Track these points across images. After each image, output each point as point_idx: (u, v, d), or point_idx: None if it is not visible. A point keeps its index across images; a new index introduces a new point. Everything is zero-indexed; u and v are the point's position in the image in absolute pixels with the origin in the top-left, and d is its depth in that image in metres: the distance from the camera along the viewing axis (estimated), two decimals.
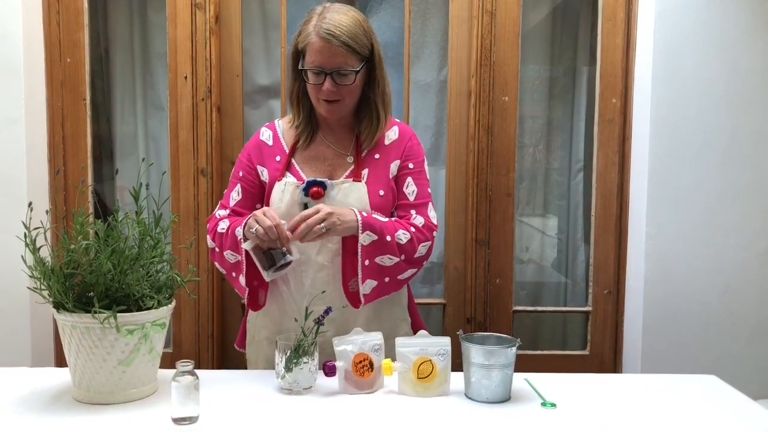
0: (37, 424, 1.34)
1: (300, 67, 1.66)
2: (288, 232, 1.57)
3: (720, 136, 2.27)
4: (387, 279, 1.68)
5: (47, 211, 1.66)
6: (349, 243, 1.66)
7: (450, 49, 2.46)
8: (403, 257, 1.67)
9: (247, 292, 1.69)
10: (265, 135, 1.80)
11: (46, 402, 1.45)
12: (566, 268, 2.73)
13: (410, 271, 1.71)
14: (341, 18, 1.62)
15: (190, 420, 1.34)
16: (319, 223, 1.56)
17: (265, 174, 1.75)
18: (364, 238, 1.62)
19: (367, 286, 1.65)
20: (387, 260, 1.65)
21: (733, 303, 2.32)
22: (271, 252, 1.61)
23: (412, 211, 1.75)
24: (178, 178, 2.41)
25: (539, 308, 2.64)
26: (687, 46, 2.24)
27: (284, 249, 1.60)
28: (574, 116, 2.66)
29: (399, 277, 1.70)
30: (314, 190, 1.68)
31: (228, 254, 1.68)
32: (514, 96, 2.43)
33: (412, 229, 1.69)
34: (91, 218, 2.25)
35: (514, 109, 2.43)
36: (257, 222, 1.56)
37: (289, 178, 1.71)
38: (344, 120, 1.76)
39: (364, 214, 1.64)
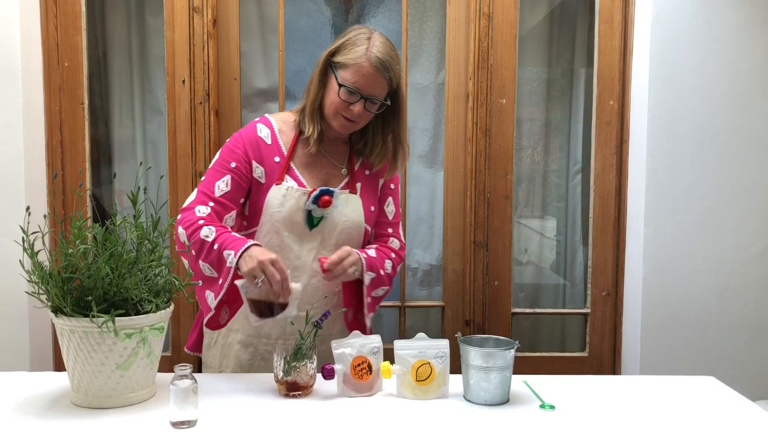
0: (35, 428, 1.34)
1: (339, 81, 1.65)
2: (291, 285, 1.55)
3: (717, 138, 2.28)
4: (377, 306, 1.81)
5: (45, 215, 1.66)
6: (346, 283, 1.75)
7: (447, 52, 2.46)
8: (389, 283, 1.81)
9: (211, 314, 1.66)
10: (264, 132, 1.76)
11: (44, 406, 1.44)
12: (565, 270, 2.73)
13: (389, 293, 1.84)
14: (388, 50, 1.68)
15: (189, 424, 1.34)
16: (352, 266, 1.65)
17: (259, 171, 1.72)
18: (367, 279, 1.72)
19: (369, 320, 1.79)
20: (380, 291, 1.79)
21: (731, 304, 2.32)
22: (270, 304, 1.55)
23: (389, 230, 1.86)
24: (176, 181, 2.41)
25: (538, 310, 2.64)
26: (684, 47, 2.25)
27: (283, 302, 1.55)
28: (572, 118, 2.67)
29: (383, 301, 1.84)
30: (324, 199, 1.70)
31: (205, 267, 1.62)
32: (511, 98, 2.43)
33: (393, 255, 1.82)
34: (89, 222, 2.25)
35: (512, 112, 2.44)
36: (265, 272, 1.51)
37: (290, 183, 1.71)
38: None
39: (364, 255, 1.72)
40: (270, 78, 2.56)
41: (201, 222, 1.62)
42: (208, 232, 1.60)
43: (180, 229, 1.64)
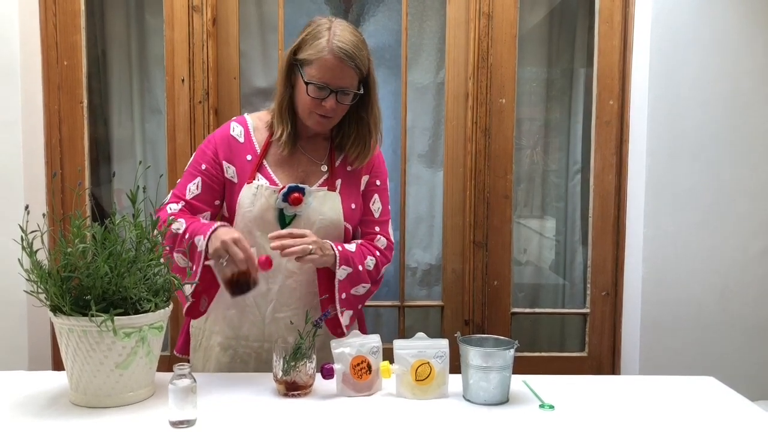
0: (34, 427, 1.33)
1: (305, 79, 1.61)
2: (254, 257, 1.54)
3: (717, 137, 2.28)
4: (360, 306, 1.76)
5: (44, 214, 1.65)
6: (323, 273, 1.69)
7: (447, 52, 2.46)
8: (371, 281, 1.74)
9: (189, 303, 1.66)
10: (236, 131, 1.73)
11: (43, 406, 1.44)
12: (564, 269, 2.73)
13: (374, 292, 1.79)
14: (351, 38, 1.61)
15: (188, 423, 1.33)
16: (309, 245, 1.57)
17: (231, 171, 1.70)
18: (341, 273, 1.66)
19: (345, 317, 1.70)
20: (361, 289, 1.72)
21: (730, 304, 2.32)
22: (239, 280, 1.55)
23: (376, 228, 1.80)
24: (175, 180, 2.39)
25: (537, 310, 2.64)
26: (683, 47, 2.25)
27: (253, 278, 1.56)
28: (572, 118, 2.67)
29: (367, 300, 1.79)
30: (294, 196, 1.65)
31: (179, 258, 1.62)
32: (511, 98, 2.43)
33: (377, 253, 1.76)
34: (88, 221, 2.24)
35: (512, 111, 2.44)
36: (228, 251, 1.52)
37: (262, 181, 1.68)
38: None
39: (339, 248, 1.66)
40: (269, 77, 2.56)
41: (171, 218, 1.61)
42: (178, 225, 1.62)
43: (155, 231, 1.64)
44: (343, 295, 1.68)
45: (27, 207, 1.47)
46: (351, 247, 1.71)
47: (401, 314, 2.54)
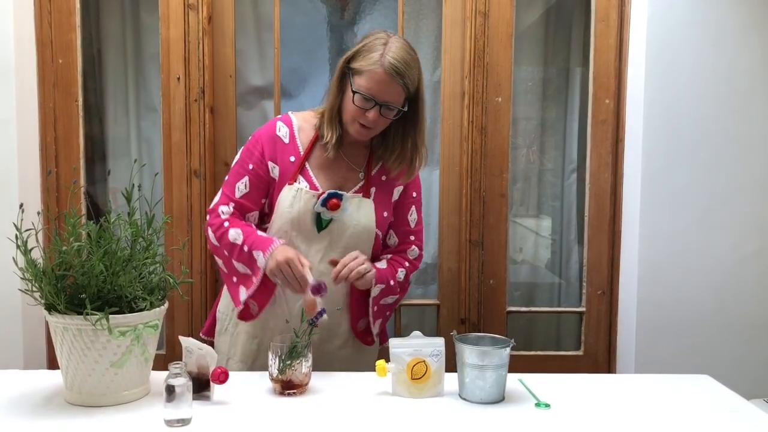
0: (28, 427, 1.33)
1: (354, 88, 1.66)
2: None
3: (713, 137, 2.28)
4: (388, 313, 1.85)
5: (39, 213, 1.65)
6: (355, 289, 1.76)
7: (443, 51, 2.46)
8: (400, 290, 1.82)
9: (241, 308, 1.74)
10: (282, 131, 1.78)
11: (37, 404, 1.44)
12: (560, 268, 2.73)
13: (402, 298, 1.88)
14: (405, 56, 1.66)
15: (183, 422, 1.33)
16: (361, 265, 1.67)
17: (275, 171, 1.75)
18: (375, 291, 1.74)
19: (376, 326, 1.82)
20: (390, 299, 1.81)
21: (726, 303, 2.33)
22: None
23: (412, 237, 1.88)
24: (170, 179, 2.40)
25: (533, 309, 2.64)
26: (680, 46, 2.25)
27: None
28: (568, 117, 2.67)
29: (395, 307, 1.88)
30: (333, 202, 1.70)
31: (239, 265, 1.70)
32: (507, 97, 2.43)
33: (407, 264, 1.85)
34: (83, 220, 2.23)
35: (508, 110, 2.44)
36: (283, 272, 1.59)
37: (302, 184, 1.73)
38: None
39: (374, 268, 1.74)
40: (265, 75, 2.55)
41: (226, 224, 1.70)
42: (235, 235, 1.68)
43: (209, 232, 1.73)
44: (375, 308, 1.78)
45: (22, 205, 1.46)
46: (382, 264, 1.79)
47: (397, 313, 2.54)
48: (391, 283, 1.78)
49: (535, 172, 2.69)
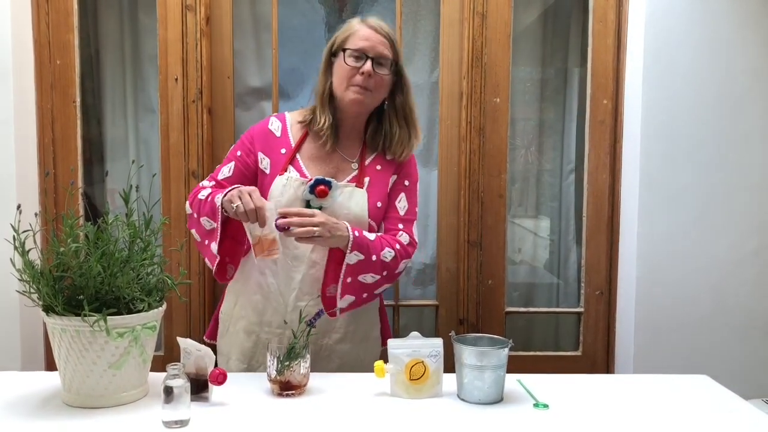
0: (26, 428, 1.33)
1: (345, 55, 1.71)
2: (268, 215, 1.57)
3: (711, 137, 2.28)
4: (365, 295, 1.73)
5: (36, 214, 1.65)
6: (335, 251, 1.69)
7: (441, 51, 2.46)
8: (385, 273, 1.72)
9: (217, 261, 1.69)
10: (274, 125, 1.82)
11: (35, 406, 1.43)
12: (558, 269, 2.73)
13: (386, 286, 1.78)
14: (383, 23, 1.77)
15: (181, 423, 1.33)
16: (314, 226, 1.59)
17: (265, 163, 1.76)
18: (351, 258, 1.66)
19: (344, 301, 1.70)
20: (369, 278, 1.71)
21: (724, 303, 2.33)
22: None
23: (400, 225, 1.81)
24: (168, 180, 2.40)
25: (531, 309, 2.64)
26: (677, 47, 2.25)
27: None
28: (566, 117, 2.67)
29: (375, 291, 1.76)
30: (320, 189, 1.69)
31: (204, 220, 1.70)
32: (505, 97, 2.43)
33: (398, 246, 1.75)
34: (80, 221, 2.23)
35: (506, 111, 2.44)
36: (240, 199, 1.57)
37: (292, 173, 1.74)
38: (358, 124, 1.81)
39: (356, 233, 1.66)
40: (263, 76, 2.55)
41: (202, 190, 1.73)
42: (205, 193, 1.71)
43: (187, 205, 1.76)
44: (349, 279, 1.68)
45: (19, 206, 1.46)
46: (370, 236, 1.72)
47: (396, 313, 2.54)
48: (373, 258, 1.68)
49: (534, 173, 2.70)
